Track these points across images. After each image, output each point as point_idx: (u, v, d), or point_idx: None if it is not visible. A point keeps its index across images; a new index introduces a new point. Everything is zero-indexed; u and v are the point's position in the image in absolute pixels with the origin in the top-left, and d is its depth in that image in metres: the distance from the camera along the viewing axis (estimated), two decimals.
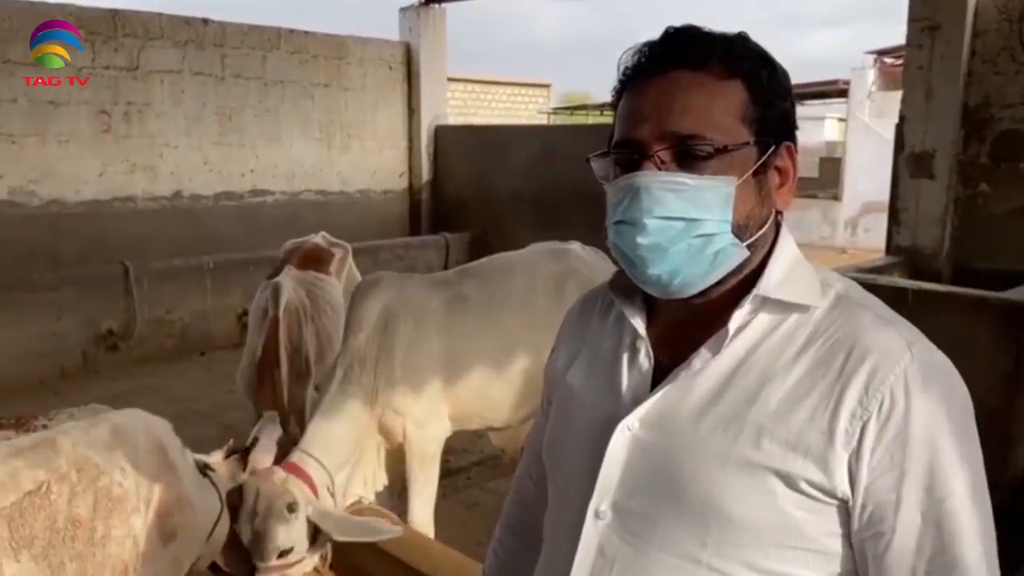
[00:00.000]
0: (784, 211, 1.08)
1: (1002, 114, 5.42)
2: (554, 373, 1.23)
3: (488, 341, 3.37)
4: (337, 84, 9.07)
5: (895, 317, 1.02)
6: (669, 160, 0.99)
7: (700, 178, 0.98)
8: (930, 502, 0.93)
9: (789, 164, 1.06)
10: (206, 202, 8.20)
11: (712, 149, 0.98)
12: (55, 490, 2.02)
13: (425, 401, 3.20)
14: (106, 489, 2.13)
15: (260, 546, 2.73)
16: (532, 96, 25.67)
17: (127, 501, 2.17)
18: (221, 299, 7.53)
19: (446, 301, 3.30)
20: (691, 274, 1.00)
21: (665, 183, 0.98)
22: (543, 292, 3.58)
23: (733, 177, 0.99)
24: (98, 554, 2.07)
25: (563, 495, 1.13)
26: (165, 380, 6.66)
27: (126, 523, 2.15)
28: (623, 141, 1.03)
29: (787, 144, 1.05)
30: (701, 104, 0.99)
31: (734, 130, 1.00)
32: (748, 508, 0.95)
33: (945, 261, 5.61)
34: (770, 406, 0.97)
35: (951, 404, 0.96)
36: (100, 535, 2.08)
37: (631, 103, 1.04)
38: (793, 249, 1.07)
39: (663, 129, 0.99)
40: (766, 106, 1.02)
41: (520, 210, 8.89)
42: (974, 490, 0.94)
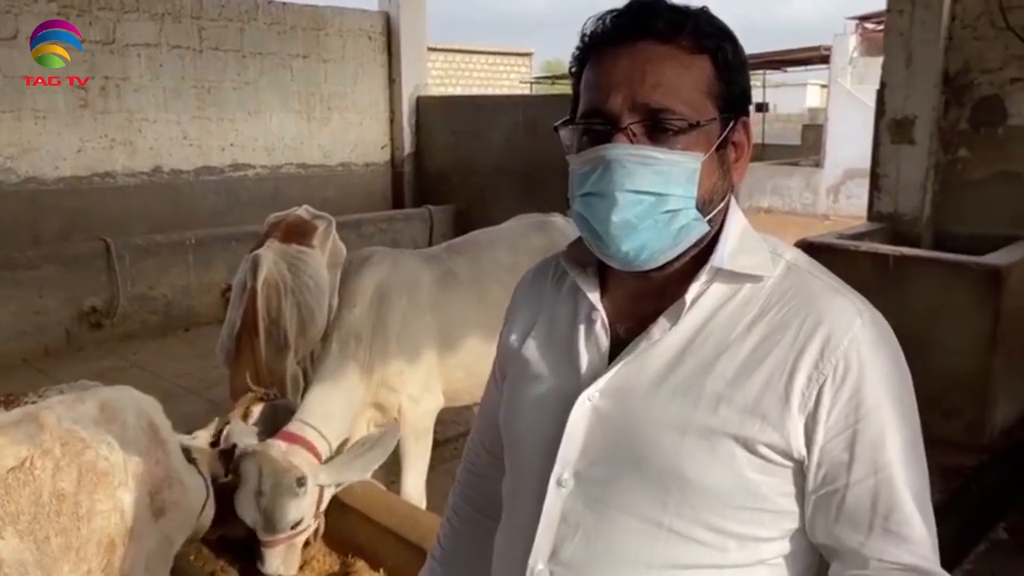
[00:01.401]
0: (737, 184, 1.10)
1: (981, 79, 5.43)
2: (508, 346, 1.23)
3: (478, 317, 3.39)
4: (316, 55, 8.97)
5: (843, 285, 1.05)
6: (640, 133, 1.00)
7: (671, 152, 0.99)
8: (881, 460, 0.97)
9: (744, 138, 1.07)
10: (186, 177, 8.13)
11: (686, 124, 0.99)
12: (39, 465, 2.02)
13: (420, 376, 3.21)
14: (91, 463, 2.13)
15: (271, 523, 2.73)
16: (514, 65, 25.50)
17: (113, 475, 2.17)
18: (204, 274, 7.49)
19: (437, 277, 3.31)
20: (656, 249, 1.02)
21: (637, 156, 0.99)
22: (528, 265, 3.58)
23: (700, 153, 1.01)
24: (83, 528, 2.08)
25: (522, 465, 1.15)
26: (150, 357, 6.64)
27: (112, 497, 2.15)
28: (592, 111, 1.03)
29: (743, 119, 1.07)
30: (673, 78, 1.00)
31: (702, 105, 1.01)
32: (707, 472, 0.98)
33: (926, 226, 5.63)
34: (727, 373, 0.99)
35: (897, 366, 1.01)
36: (85, 509, 2.09)
37: (599, 72, 1.03)
38: (742, 219, 1.09)
39: (635, 101, 0.99)
40: (729, 82, 1.03)
41: (504, 182, 8.86)
42: (915, 446, 1.00)
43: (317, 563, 3.09)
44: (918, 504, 0.98)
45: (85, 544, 2.06)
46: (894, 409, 0.98)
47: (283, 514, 2.73)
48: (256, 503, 2.74)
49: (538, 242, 3.74)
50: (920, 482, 0.99)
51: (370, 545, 3.02)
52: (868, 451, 0.97)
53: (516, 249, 3.65)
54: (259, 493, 2.73)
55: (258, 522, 2.76)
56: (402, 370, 3.16)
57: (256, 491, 2.74)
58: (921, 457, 1.01)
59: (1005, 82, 5.32)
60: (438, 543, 1.41)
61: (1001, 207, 5.41)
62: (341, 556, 3.11)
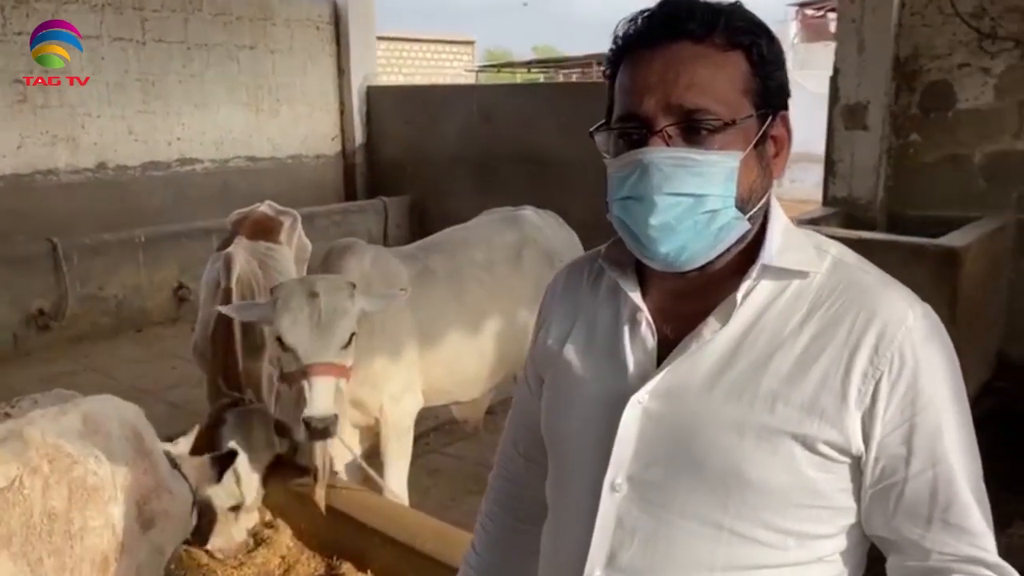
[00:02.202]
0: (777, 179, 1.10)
1: (931, 65, 5.56)
2: (546, 350, 1.21)
3: (456, 315, 3.35)
4: (263, 46, 8.78)
5: (891, 279, 1.06)
6: (676, 135, 0.99)
7: (708, 153, 0.99)
8: (939, 452, 0.98)
9: (784, 132, 1.07)
10: (132, 173, 7.89)
11: (721, 123, 0.99)
12: (28, 483, 1.95)
13: (402, 374, 3.16)
14: (80, 479, 2.06)
15: (326, 336, 2.63)
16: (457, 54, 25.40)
17: (103, 490, 2.11)
18: (155, 273, 7.31)
19: (415, 275, 3.26)
20: (697, 249, 1.01)
21: (674, 159, 0.98)
22: (503, 262, 3.58)
23: (738, 151, 1.00)
24: (76, 547, 2.01)
25: (570, 470, 1.14)
26: (103, 359, 6.46)
27: (103, 513, 2.09)
28: (627, 115, 1.03)
29: (782, 113, 1.06)
30: (706, 77, 0.99)
31: (737, 103, 1.01)
32: (767, 472, 0.98)
33: (879, 210, 5.77)
34: (782, 372, 0.99)
35: (949, 359, 1.01)
36: (77, 527, 2.02)
37: (633, 76, 1.03)
38: (784, 216, 1.09)
39: (669, 103, 0.99)
40: (766, 77, 1.03)
41: (459, 173, 8.81)
42: (970, 437, 1.01)
43: (301, 566, 3.05)
44: (976, 496, 0.99)
45: (79, 563, 2.01)
46: (949, 401, 0.99)
47: (340, 320, 2.63)
48: (308, 316, 2.62)
49: (511, 238, 3.71)
50: (976, 474, 1.01)
51: (356, 547, 2.98)
52: (926, 444, 0.98)
53: (491, 247, 3.62)
54: (311, 302, 2.63)
55: (308, 341, 2.63)
56: (384, 367, 3.10)
57: (306, 303, 2.63)
58: (975, 448, 1.02)
59: (953, 67, 5.47)
60: (473, 550, 1.39)
61: (951, 190, 5.57)
62: (326, 559, 3.07)
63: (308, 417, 2.60)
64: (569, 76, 24.00)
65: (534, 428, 1.25)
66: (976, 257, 4.65)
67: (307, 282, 2.74)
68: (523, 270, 3.60)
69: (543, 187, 7.44)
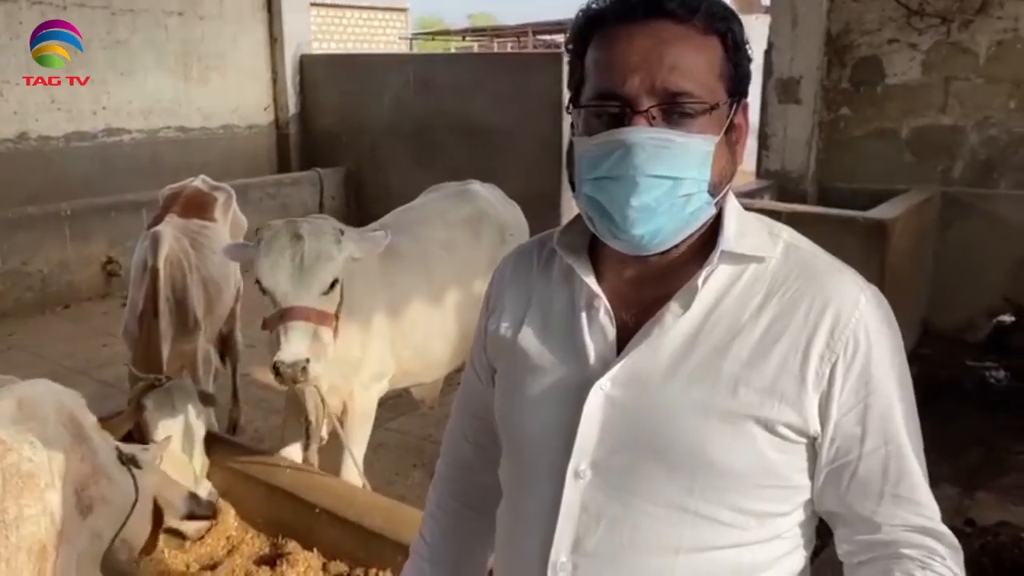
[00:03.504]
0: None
1: (861, 40, 5.69)
2: (499, 339, 1.20)
3: (425, 296, 3.28)
4: (192, 12, 8.49)
5: (841, 263, 1.09)
6: (659, 116, 0.99)
7: (689, 136, 0.99)
8: (891, 430, 1.03)
9: (743, 120, 1.08)
10: (56, 143, 7.60)
11: (704, 107, 1.00)
12: None
13: (374, 360, 3.09)
14: (15, 466, 1.98)
15: (306, 278, 2.55)
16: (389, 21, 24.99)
17: (39, 477, 2.03)
18: (82, 248, 7.08)
19: (383, 254, 3.17)
20: (668, 232, 1.02)
21: (658, 140, 0.98)
22: (462, 239, 3.52)
23: (713, 136, 1.01)
24: (12, 536, 1.93)
25: (529, 458, 1.14)
26: (29, 337, 6.25)
27: (40, 500, 2.01)
28: (607, 93, 1.01)
29: (745, 101, 1.08)
30: (690, 60, 0.99)
31: (715, 88, 1.02)
32: (731, 455, 1.01)
33: (811, 183, 5.92)
34: (742, 356, 1.02)
35: (896, 339, 1.06)
36: (12, 516, 1.94)
37: (612, 53, 1.01)
38: (736, 202, 1.11)
39: (654, 84, 0.98)
40: (737, 64, 1.04)
41: (395, 143, 8.70)
42: (914, 413, 1.06)
43: (246, 546, 3.01)
44: (922, 469, 1.04)
45: (15, 553, 1.93)
46: (898, 381, 1.04)
47: (322, 264, 2.56)
48: (289, 259, 2.54)
49: (466, 211, 3.66)
50: (920, 448, 1.06)
51: (302, 525, 2.96)
52: (878, 423, 1.02)
53: (448, 224, 3.55)
54: (294, 244, 2.55)
55: (287, 284, 2.55)
56: (360, 352, 3.02)
57: (289, 245, 2.56)
58: (918, 424, 1.07)
59: (883, 43, 5.61)
60: (422, 539, 1.37)
61: (879, 163, 5.74)
62: (271, 538, 3.04)
63: (276, 361, 2.51)
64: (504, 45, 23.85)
65: (482, 416, 1.26)
66: (903, 229, 4.81)
67: (293, 224, 2.65)
68: (480, 245, 3.56)
69: (480, 158, 7.40)
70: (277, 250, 2.58)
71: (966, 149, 5.45)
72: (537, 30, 21.59)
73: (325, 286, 2.60)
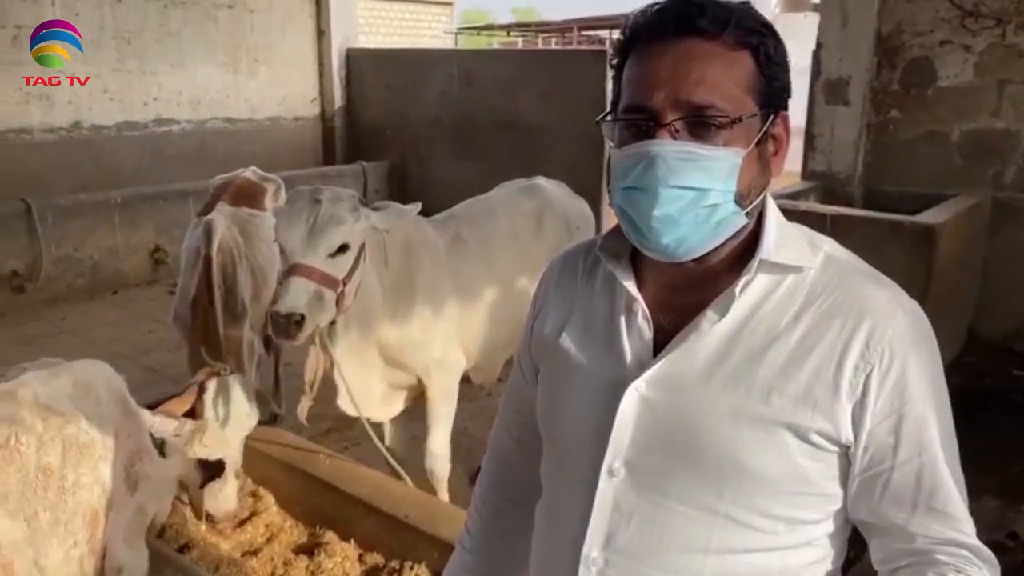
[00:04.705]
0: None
1: (913, 41, 5.58)
2: (543, 340, 1.24)
3: (487, 282, 3.37)
4: (242, 5, 8.61)
5: (880, 275, 1.10)
6: (682, 129, 1.02)
7: (713, 148, 1.01)
8: (924, 442, 1.03)
9: (783, 132, 1.10)
10: (108, 132, 7.76)
11: (727, 120, 1.01)
12: (24, 441, 1.99)
13: (442, 337, 3.17)
14: (73, 437, 2.11)
15: (314, 238, 2.62)
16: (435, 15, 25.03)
17: (94, 449, 2.16)
18: (131, 235, 7.25)
19: (449, 241, 3.26)
20: (695, 241, 1.04)
21: (680, 152, 1.01)
22: (525, 230, 3.63)
23: (740, 148, 1.03)
24: (69, 502, 2.07)
25: (567, 455, 1.17)
26: (79, 322, 6.41)
27: (94, 470, 2.14)
28: (636, 106, 1.05)
29: (783, 113, 1.09)
30: (716, 75, 1.02)
31: (743, 101, 1.03)
32: (762, 460, 1.02)
33: (858, 185, 5.82)
34: (777, 364, 1.03)
35: (933, 353, 1.07)
36: (70, 483, 2.07)
37: (643, 69, 1.05)
38: (778, 212, 1.12)
39: (678, 98, 1.01)
40: (770, 77, 1.06)
41: (438, 137, 8.75)
42: (951, 427, 1.07)
43: (285, 535, 3.08)
44: (956, 483, 1.05)
45: (72, 518, 2.05)
46: (933, 394, 1.04)
47: (333, 227, 2.62)
48: (304, 220, 2.62)
49: (530, 206, 3.76)
50: (956, 461, 1.06)
51: (340, 516, 3.01)
52: (912, 434, 1.03)
53: (513, 215, 3.65)
54: (311, 207, 2.63)
55: (296, 242, 2.63)
56: (426, 329, 3.10)
57: (306, 208, 2.64)
58: (954, 436, 1.07)
59: (935, 44, 5.49)
60: (466, 531, 1.43)
61: (928, 166, 5.62)
62: (309, 528, 3.10)
63: (272, 310, 2.61)
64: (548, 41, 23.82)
65: (526, 413, 1.29)
66: (952, 234, 4.72)
67: (317, 190, 2.75)
68: (544, 236, 3.67)
69: (522, 153, 7.43)
70: (295, 211, 2.68)
71: (1019, 154, 5.32)
72: (582, 26, 21.53)
73: (332, 248, 2.65)
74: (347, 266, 2.73)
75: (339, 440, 4.32)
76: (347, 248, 2.70)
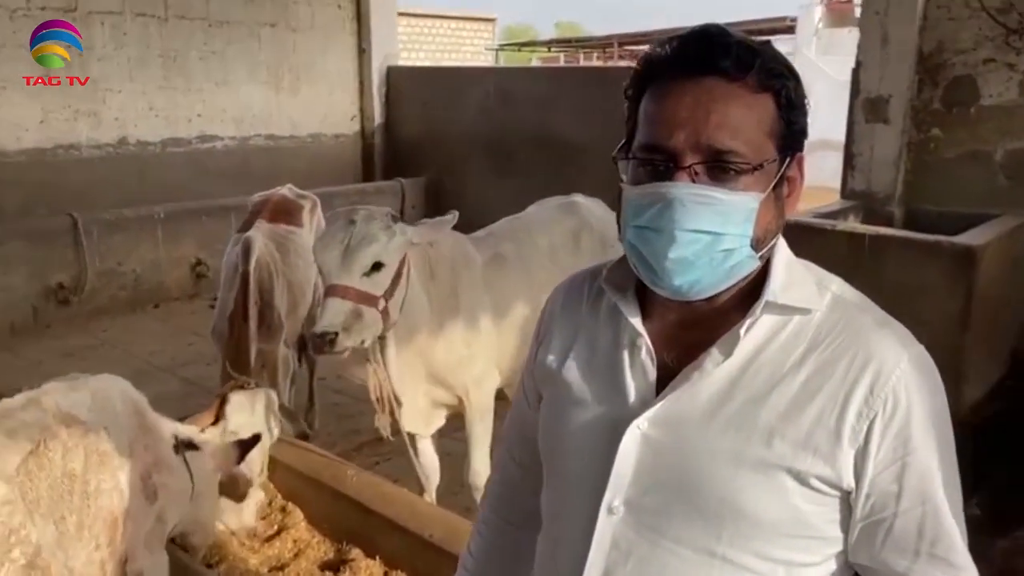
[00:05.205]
0: None
1: (955, 59, 5.50)
2: (545, 367, 1.22)
3: (526, 300, 3.38)
4: (284, 24, 8.79)
5: (888, 318, 1.08)
6: (702, 172, 1.00)
7: (732, 193, 1.00)
8: (928, 491, 1.01)
9: (797, 173, 1.09)
10: (153, 148, 7.96)
11: (748, 166, 1.00)
12: (51, 447, 2.08)
13: (483, 356, 3.20)
14: (94, 444, 2.20)
15: (348, 258, 2.68)
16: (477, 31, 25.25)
17: (113, 457, 2.24)
18: (174, 249, 7.40)
19: (488, 259, 3.29)
20: (708, 283, 1.03)
21: (699, 196, 1.00)
22: (563, 248, 3.64)
23: (759, 193, 1.02)
24: (92, 506, 2.15)
25: (567, 488, 1.16)
26: (120, 334, 6.55)
27: (114, 477, 2.22)
28: (654, 145, 1.03)
29: (799, 155, 1.08)
30: (737, 119, 1.00)
31: (763, 146, 1.02)
32: (761, 504, 1.01)
33: (898, 205, 5.73)
34: (779, 407, 1.02)
35: (939, 400, 1.04)
36: (93, 487, 2.15)
37: (662, 106, 1.03)
38: (788, 251, 1.11)
39: (699, 141, 1.00)
40: (790, 121, 1.04)
41: (475, 154, 8.81)
42: (955, 475, 1.04)
43: (312, 551, 3.10)
44: (960, 531, 1.02)
45: (94, 522, 2.12)
46: (938, 441, 1.02)
47: (365, 247, 2.67)
48: (339, 241, 2.68)
49: (570, 223, 3.77)
50: (960, 509, 1.04)
51: (366, 533, 3.02)
52: (916, 483, 1.00)
53: (551, 233, 3.67)
54: (346, 227, 2.69)
55: (333, 262, 2.69)
56: (467, 347, 3.13)
57: (341, 228, 2.70)
58: (959, 485, 1.05)
59: (978, 63, 5.40)
60: (468, 552, 1.42)
61: (971, 186, 5.52)
62: (336, 544, 3.12)
63: (309, 331, 2.70)
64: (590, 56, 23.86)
65: (529, 438, 1.28)
66: (993, 256, 4.62)
67: (353, 211, 2.81)
68: (581, 254, 3.65)
69: (559, 170, 7.43)
70: (331, 233, 2.75)
71: None
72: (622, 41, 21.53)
73: (366, 267, 2.70)
74: (385, 282, 2.77)
75: (371, 455, 4.36)
76: (382, 265, 2.74)
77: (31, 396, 2.19)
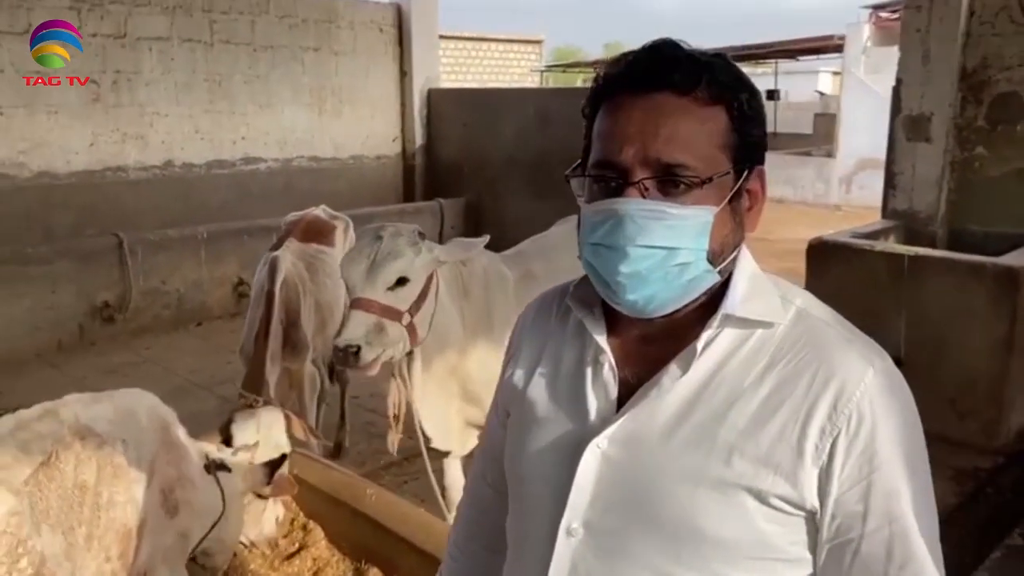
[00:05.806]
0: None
1: (999, 76, 5.38)
2: (512, 386, 1.21)
3: None
4: (327, 48, 8.95)
5: (854, 332, 1.05)
6: (652, 187, 0.99)
7: (683, 207, 0.99)
8: (896, 511, 0.97)
9: (759, 187, 1.07)
10: (198, 171, 8.14)
11: (698, 180, 0.98)
12: (63, 458, 2.10)
13: None
14: (108, 457, 2.21)
15: (374, 272, 2.69)
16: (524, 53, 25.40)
17: (129, 470, 2.25)
18: (216, 269, 7.52)
19: (519, 277, 3.29)
20: (665, 299, 1.01)
21: (649, 211, 0.98)
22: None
23: (712, 206, 1.00)
24: (103, 518, 2.16)
25: (529, 510, 1.13)
26: (162, 352, 6.67)
27: (128, 490, 2.24)
28: (604, 162, 1.02)
29: (759, 168, 1.06)
30: (687, 132, 0.99)
31: (715, 159, 1.00)
32: (721, 525, 0.98)
33: (941, 225, 5.61)
34: (739, 424, 0.99)
35: (908, 415, 1.00)
36: (104, 500, 2.17)
37: (612, 123, 1.02)
38: (752, 264, 1.08)
39: (648, 156, 0.98)
40: (744, 134, 1.02)
41: (514, 175, 8.84)
42: (927, 494, 1.01)
43: (331, 569, 3.10)
44: (932, 553, 0.98)
45: (105, 534, 2.13)
46: (906, 459, 0.98)
47: (390, 261, 2.68)
48: (366, 256, 2.71)
49: None
50: (932, 530, 0.99)
51: (384, 552, 3.02)
52: (882, 502, 0.97)
53: (574, 252, 3.65)
54: (372, 243, 2.72)
55: (358, 276, 2.70)
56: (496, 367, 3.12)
57: (368, 244, 2.73)
58: (932, 504, 1.01)
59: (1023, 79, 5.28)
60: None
61: (1017, 205, 5.38)
62: (354, 562, 3.12)
63: (334, 342, 2.70)
64: None
65: (500, 459, 1.25)
66: None
67: (380, 228, 2.83)
68: None
69: None
70: (358, 248, 2.78)
71: None
72: None
73: (390, 282, 2.71)
74: (410, 298, 2.78)
75: (400, 475, 4.36)
76: (407, 281, 2.75)
77: (48, 407, 2.21)
